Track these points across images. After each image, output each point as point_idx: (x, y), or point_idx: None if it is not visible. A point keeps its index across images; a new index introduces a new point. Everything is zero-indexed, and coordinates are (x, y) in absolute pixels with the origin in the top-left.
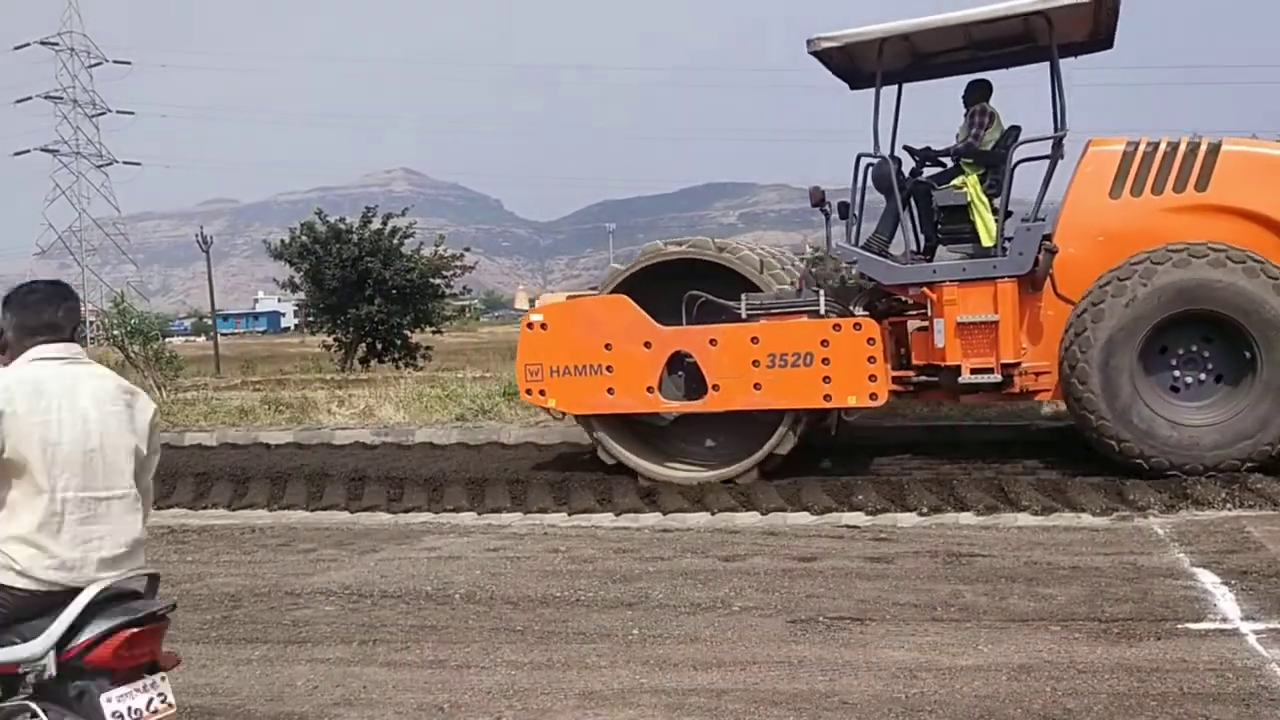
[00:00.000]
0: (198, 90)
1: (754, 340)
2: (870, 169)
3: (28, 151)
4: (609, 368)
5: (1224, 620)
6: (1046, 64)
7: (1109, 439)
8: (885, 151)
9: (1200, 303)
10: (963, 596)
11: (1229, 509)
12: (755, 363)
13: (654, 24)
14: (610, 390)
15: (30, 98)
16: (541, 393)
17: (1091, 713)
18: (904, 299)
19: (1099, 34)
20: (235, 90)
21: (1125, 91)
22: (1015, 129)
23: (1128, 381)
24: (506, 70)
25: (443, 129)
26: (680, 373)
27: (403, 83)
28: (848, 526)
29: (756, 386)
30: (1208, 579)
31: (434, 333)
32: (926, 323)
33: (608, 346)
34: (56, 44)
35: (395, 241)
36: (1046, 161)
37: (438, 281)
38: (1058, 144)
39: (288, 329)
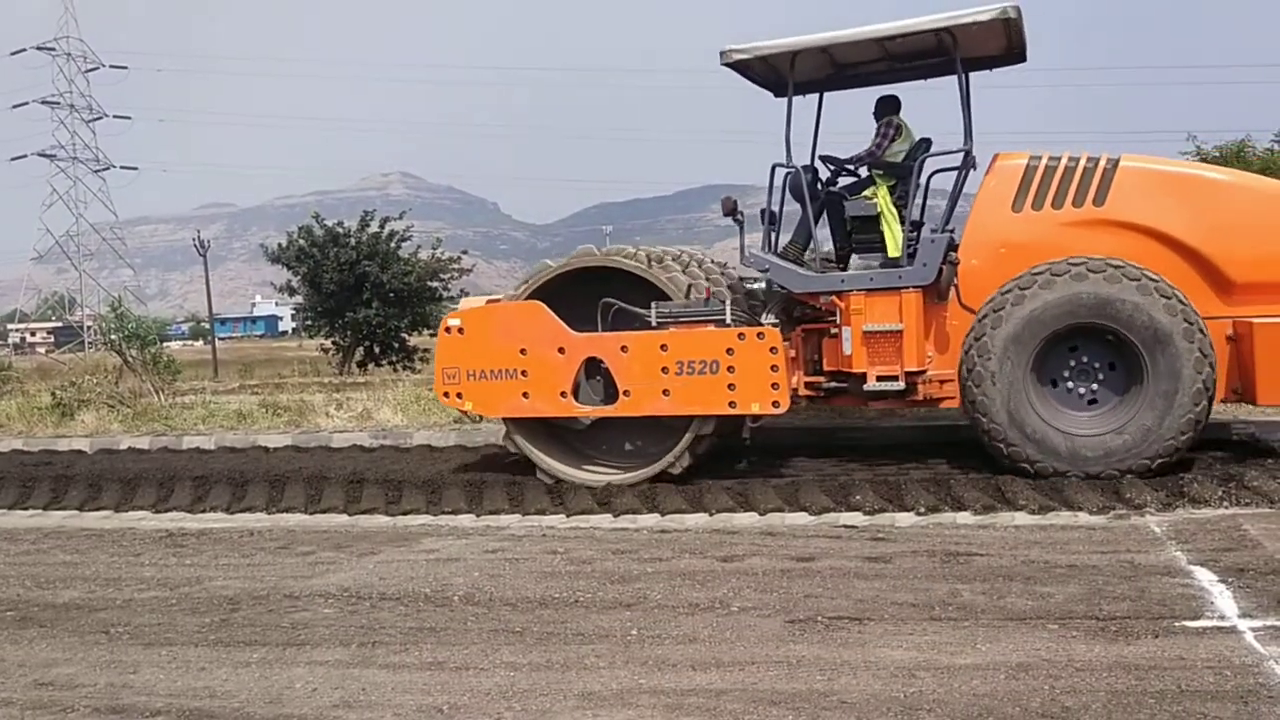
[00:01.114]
0: (194, 95)
1: (663, 348)
2: (788, 178)
3: (25, 156)
4: (524, 372)
5: (1221, 618)
6: (975, 75)
7: (998, 442)
8: (807, 160)
9: (1093, 316)
10: (960, 595)
11: (1226, 507)
12: (664, 369)
13: (652, 25)
14: (525, 394)
15: (27, 103)
16: (459, 395)
17: (1090, 710)
18: (817, 307)
19: (1012, 49)
20: (231, 94)
21: (1122, 92)
22: (925, 141)
23: (1021, 389)
24: (502, 73)
25: (439, 132)
26: (599, 378)
27: (399, 86)
28: (845, 526)
29: (665, 393)
30: (1205, 577)
31: (432, 336)
32: (837, 330)
33: (523, 351)
34: (53, 49)
35: (393, 245)
36: (959, 174)
37: (435, 284)
38: (966, 157)
39: (285, 332)
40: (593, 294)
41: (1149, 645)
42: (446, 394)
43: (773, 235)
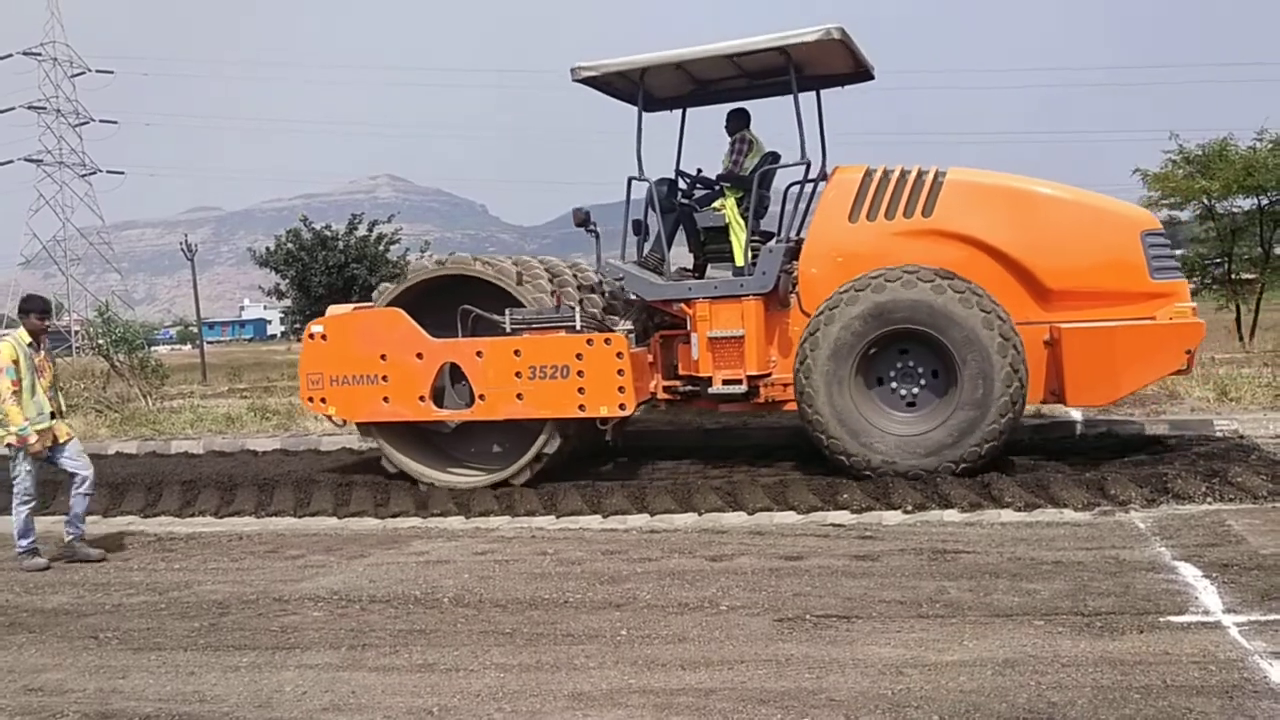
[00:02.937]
0: (181, 99)
1: (516, 353)
2: (649, 190)
3: (11, 162)
4: (384, 377)
5: (1206, 613)
6: (831, 90)
7: (819, 433)
8: (670, 172)
9: (913, 322)
10: (948, 593)
11: (1209, 503)
12: (518, 374)
13: (642, 28)
14: (386, 399)
15: (13, 108)
16: (322, 400)
17: (1075, 706)
18: (672, 314)
19: (859, 67)
20: (217, 98)
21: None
22: (773, 154)
23: (847, 390)
24: (490, 75)
25: (426, 135)
26: (464, 382)
27: (386, 89)
28: (833, 525)
29: (519, 397)
30: (1189, 572)
31: None
32: (688, 336)
33: (383, 357)
34: (39, 54)
35: (381, 248)
36: (810, 185)
37: None
38: (807, 170)
39: (274, 336)
40: (464, 302)
41: (1134, 640)
42: (311, 399)
43: (644, 245)
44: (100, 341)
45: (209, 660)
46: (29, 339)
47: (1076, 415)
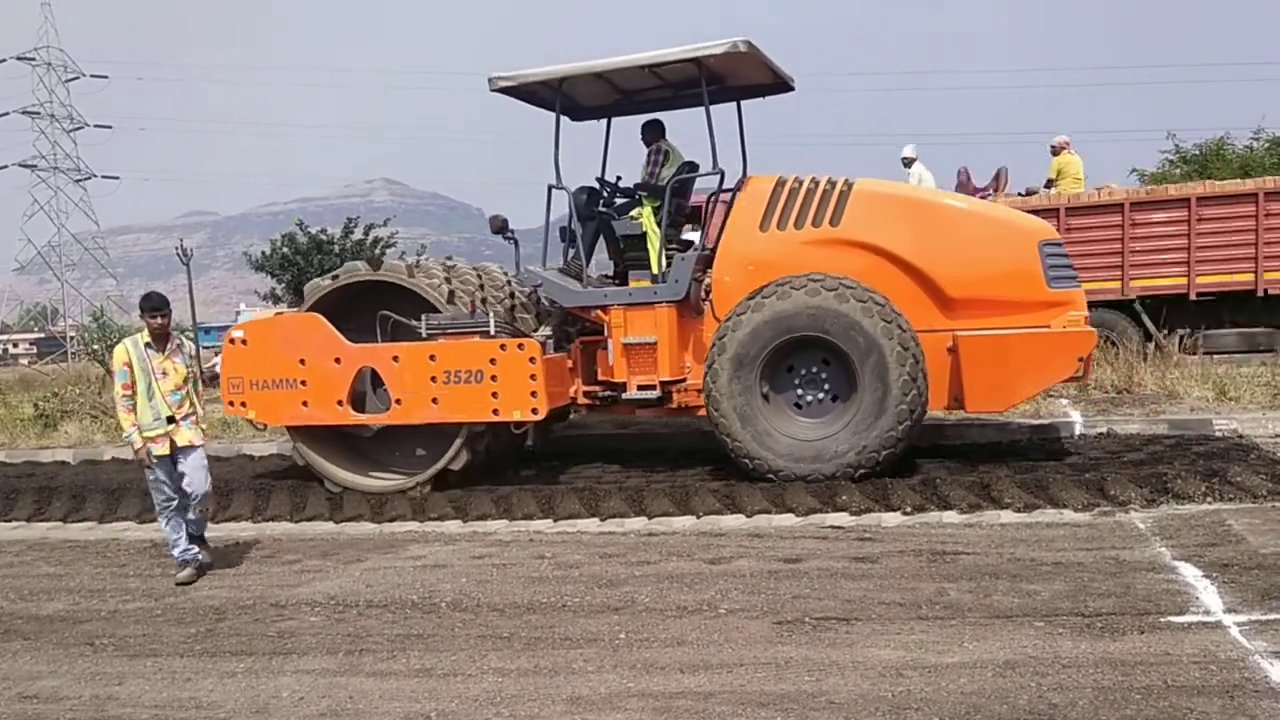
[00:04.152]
0: (175, 103)
1: (431, 358)
2: (569, 198)
3: (5, 167)
4: (303, 381)
5: (1206, 613)
6: (746, 102)
7: (724, 436)
8: (593, 180)
9: (815, 329)
10: (947, 594)
11: (1209, 502)
12: (433, 379)
13: (635, 30)
14: (305, 403)
15: (8, 113)
16: (243, 404)
17: (1076, 707)
18: (590, 320)
19: (779, 78)
20: (213, 102)
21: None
22: (690, 164)
23: (754, 397)
24: (483, 78)
25: (422, 138)
26: (384, 387)
27: (381, 93)
28: (832, 527)
29: (434, 401)
30: (1189, 572)
31: None
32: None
33: (302, 362)
34: (33, 59)
35: (377, 251)
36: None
37: None
38: (721, 179)
39: None
40: (388, 308)
41: (1135, 641)
42: (231, 403)
43: (569, 252)
44: (95, 347)
45: (205, 666)
46: (148, 339)
47: (1076, 416)
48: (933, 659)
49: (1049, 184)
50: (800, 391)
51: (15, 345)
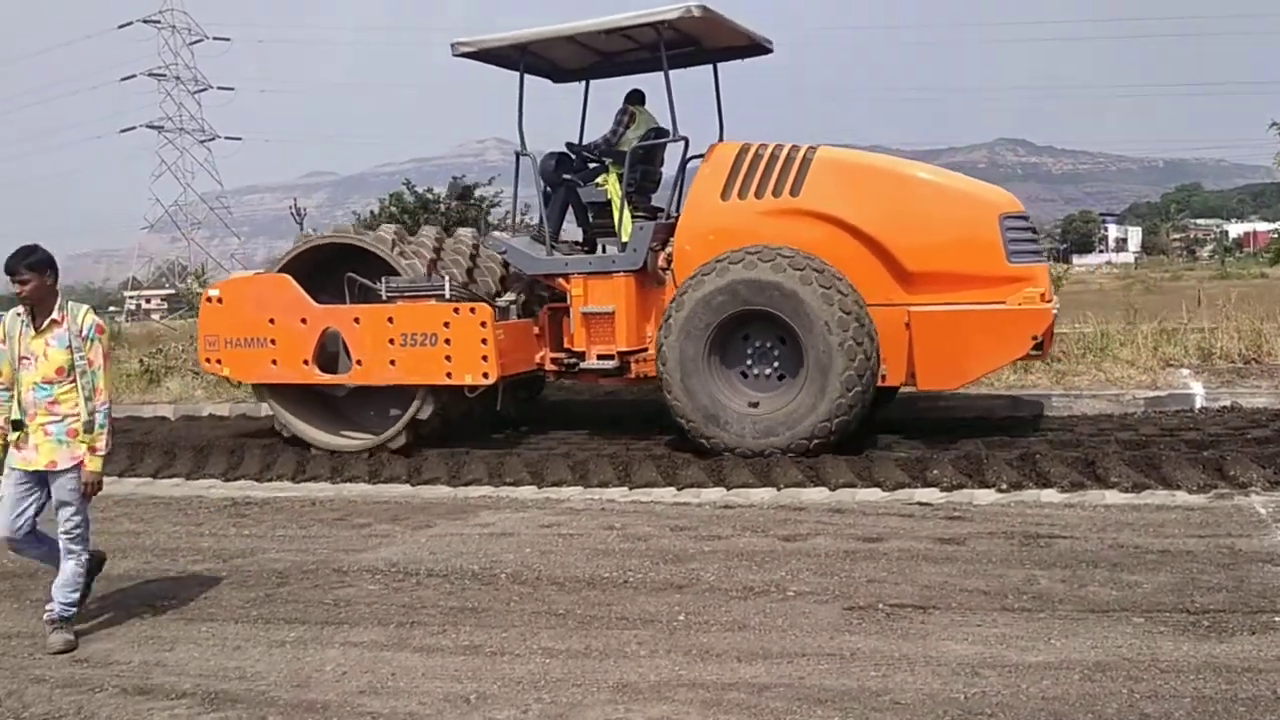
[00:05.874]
0: (296, 65)
1: (390, 320)
2: (535, 164)
3: (134, 128)
4: (272, 340)
5: None
6: (728, 67)
7: (680, 417)
8: (564, 146)
9: (758, 302)
10: (1037, 583)
11: None
12: (391, 341)
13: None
14: (274, 361)
15: (135, 75)
16: (218, 362)
17: (1172, 719)
18: (554, 288)
19: (752, 40)
20: (332, 64)
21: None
22: (658, 130)
23: (703, 370)
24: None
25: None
26: None
27: None
28: (919, 504)
29: (392, 363)
30: None
31: None
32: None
33: (272, 321)
34: (158, 21)
35: (483, 208)
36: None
37: None
38: (686, 146)
39: None
40: (364, 271)
41: (1244, 643)
42: (208, 360)
43: (539, 219)
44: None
45: (257, 634)
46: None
47: (1197, 387)
48: (1014, 657)
49: None
50: (751, 365)
51: (148, 301)
